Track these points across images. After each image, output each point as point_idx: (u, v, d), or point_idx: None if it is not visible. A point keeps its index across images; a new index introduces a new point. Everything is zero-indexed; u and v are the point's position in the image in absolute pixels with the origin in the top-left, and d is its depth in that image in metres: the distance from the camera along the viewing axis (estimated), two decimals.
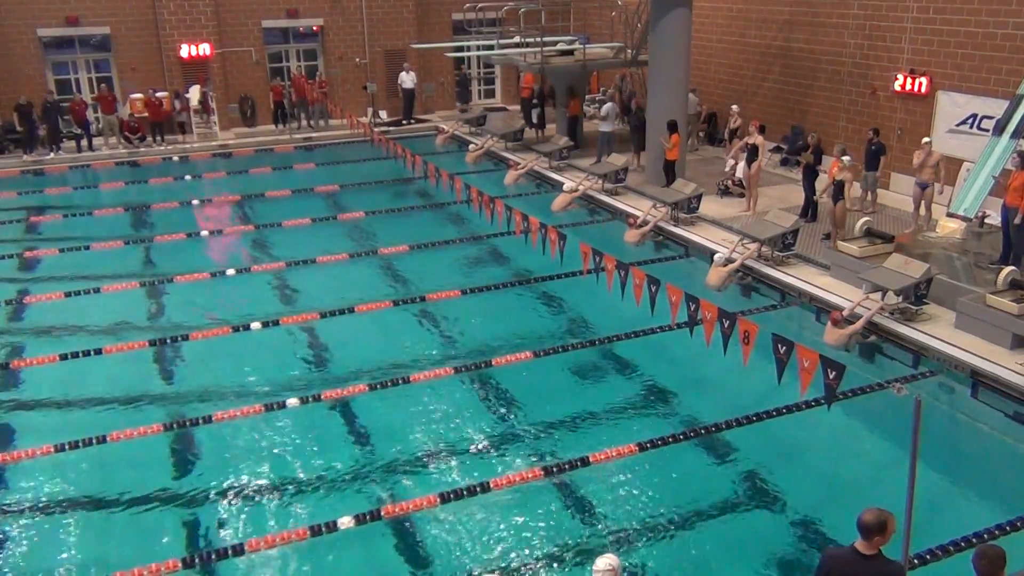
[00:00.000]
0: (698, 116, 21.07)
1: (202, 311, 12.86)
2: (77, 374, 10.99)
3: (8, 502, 8.66)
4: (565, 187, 17.85)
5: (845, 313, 11.33)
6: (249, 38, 24.35)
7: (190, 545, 7.93)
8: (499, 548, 7.82)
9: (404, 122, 25.13)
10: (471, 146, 22.30)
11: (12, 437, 9.80)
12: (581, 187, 17.74)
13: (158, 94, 22.87)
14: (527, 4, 22.02)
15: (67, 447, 9.08)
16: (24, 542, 8.07)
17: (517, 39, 21.76)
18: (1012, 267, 11.35)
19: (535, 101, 23.26)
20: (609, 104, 19.97)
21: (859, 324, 11.08)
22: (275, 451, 9.41)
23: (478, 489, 8.40)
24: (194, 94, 23.23)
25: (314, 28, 24.96)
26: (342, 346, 11.88)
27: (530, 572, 7.54)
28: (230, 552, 7.61)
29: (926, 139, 14.50)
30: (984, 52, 14.62)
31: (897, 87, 16.25)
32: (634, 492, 8.59)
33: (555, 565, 7.61)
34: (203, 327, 12.09)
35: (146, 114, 22.67)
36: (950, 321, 11.25)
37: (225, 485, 8.82)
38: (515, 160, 20.62)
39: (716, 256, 13.51)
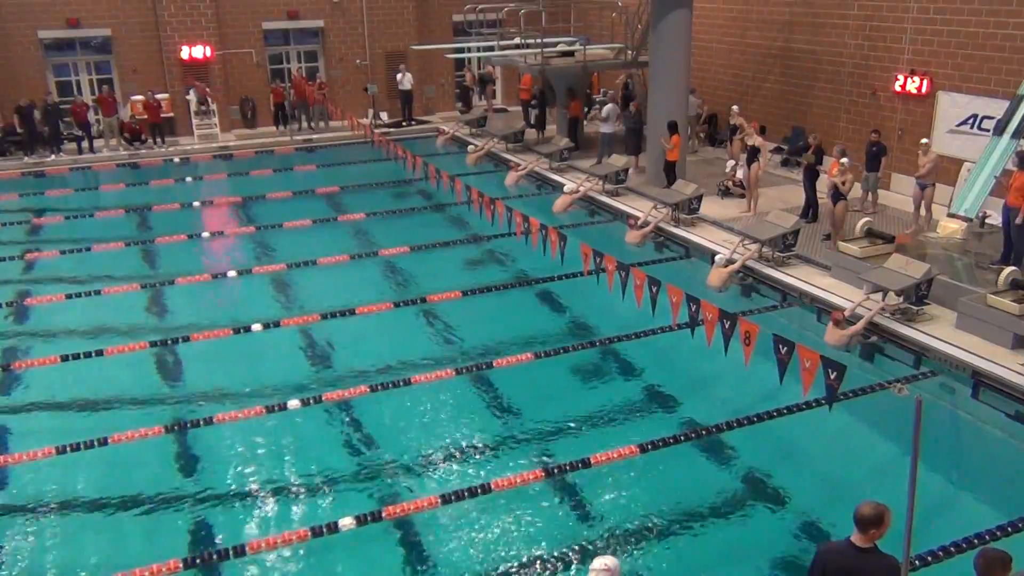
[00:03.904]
0: (698, 117, 21.08)
1: (203, 313, 12.86)
2: (78, 376, 10.98)
3: (10, 504, 8.66)
4: (566, 188, 17.86)
5: (846, 313, 11.32)
6: (250, 39, 24.36)
7: (191, 546, 7.93)
8: (500, 549, 7.82)
9: (404, 123, 25.13)
10: (470, 147, 22.32)
11: (13, 439, 9.79)
12: (582, 188, 17.74)
13: (158, 96, 22.88)
14: (527, 5, 22.03)
15: (68, 449, 9.07)
16: (25, 543, 8.08)
17: (517, 40, 21.76)
18: (1013, 267, 11.35)
19: (534, 102, 23.27)
20: (610, 105, 19.97)
21: (860, 325, 11.07)
22: (276, 452, 9.41)
23: (479, 490, 8.39)
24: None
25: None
26: (343, 347, 11.89)
27: (531, 573, 7.53)
28: (231, 553, 7.61)
29: (924, 140, 14.51)
30: (984, 52, 14.62)
31: (897, 87, 16.25)
32: (635, 493, 8.59)
33: (556, 566, 7.61)
34: (204, 328, 12.08)
35: (146, 116, 22.68)
36: (951, 321, 11.25)
37: (226, 486, 8.83)
38: (516, 161, 20.62)
39: (717, 257, 13.51)
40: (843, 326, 11.04)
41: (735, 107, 18.74)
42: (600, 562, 5.82)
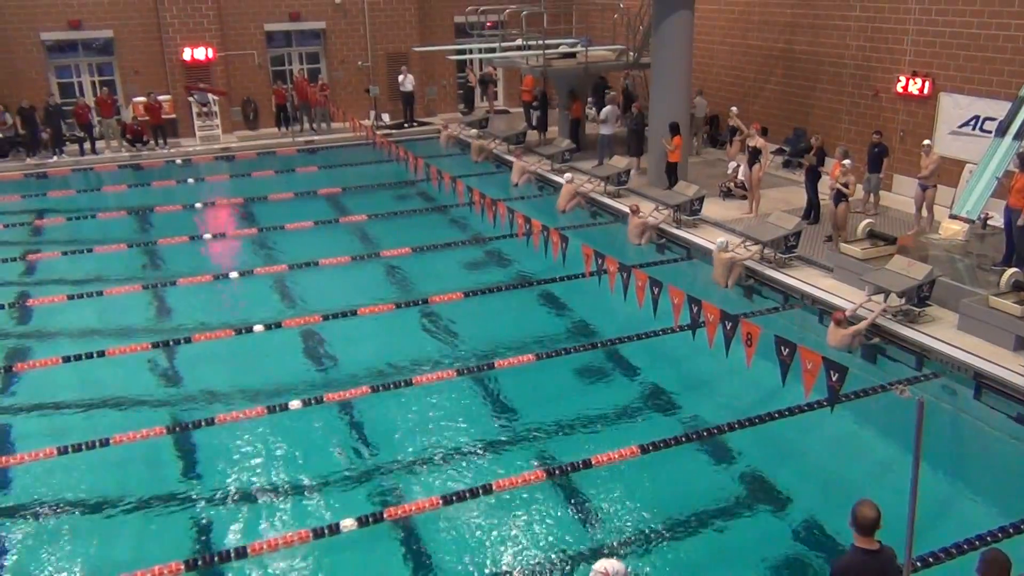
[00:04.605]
0: (705, 119, 21.09)
1: (205, 314, 12.86)
2: (80, 376, 10.99)
3: (11, 505, 8.67)
4: (564, 178, 17.82)
5: (848, 314, 11.31)
6: (252, 41, 24.38)
7: (192, 547, 7.93)
8: (501, 549, 7.82)
9: (406, 125, 25.15)
10: (473, 133, 22.23)
11: (15, 440, 9.80)
12: (584, 187, 17.73)
13: (159, 97, 22.90)
14: (529, 7, 22.04)
15: (70, 450, 9.08)
16: (27, 545, 8.08)
17: (519, 42, 21.77)
18: (1015, 269, 11.32)
19: (535, 104, 23.27)
20: (609, 107, 19.92)
21: (863, 325, 11.05)
22: (277, 453, 9.41)
23: (480, 491, 8.38)
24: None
25: None
26: (344, 348, 11.88)
27: (532, 574, 7.52)
28: (232, 555, 7.61)
29: (926, 141, 14.50)
30: (986, 54, 14.60)
31: (899, 89, 16.23)
32: (637, 494, 8.57)
33: (557, 567, 7.59)
34: (206, 329, 12.09)
35: (147, 117, 22.70)
36: (953, 323, 11.22)
37: (227, 487, 8.84)
38: (520, 153, 20.58)
39: (718, 241, 13.43)
40: (844, 326, 11.03)
41: (733, 108, 18.75)
42: (601, 565, 5.80)
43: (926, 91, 15.73)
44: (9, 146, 21.61)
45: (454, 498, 8.29)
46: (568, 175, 17.89)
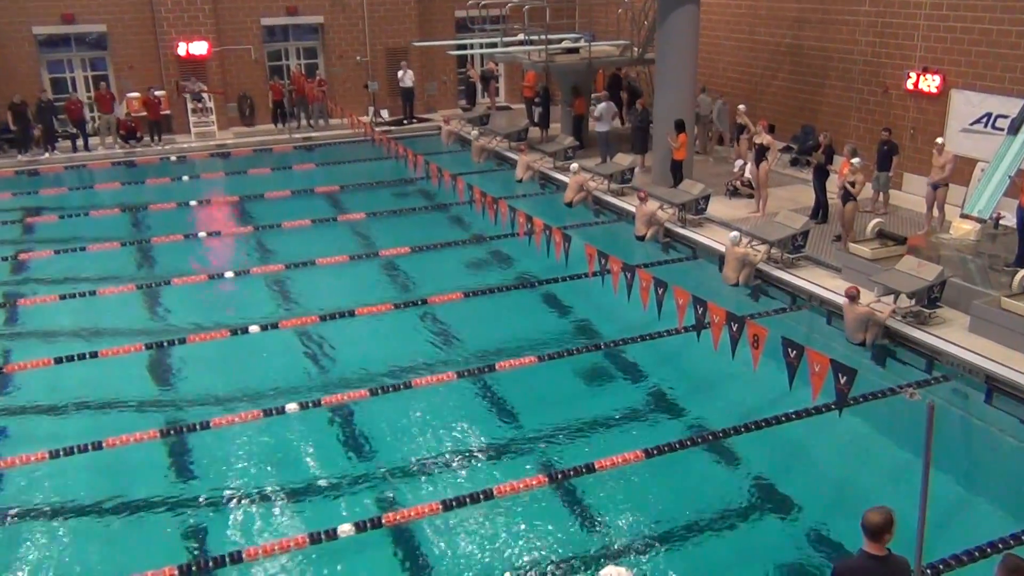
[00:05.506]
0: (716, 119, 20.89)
1: (200, 314, 12.69)
2: (72, 378, 10.83)
3: (2, 508, 8.54)
4: (571, 168, 17.60)
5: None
6: (248, 36, 24.17)
7: (187, 553, 7.82)
8: (502, 556, 7.70)
9: (405, 121, 24.96)
10: (474, 133, 22.04)
11: (6, 443, 9.68)
12: (589, 184, 17.54)
13: (156, 93, 22.68)
14: (531, 1, 21.83)
15: (62, 453, 8.92)
16: (18, 549, 7.97)
17: (521, 37, 21.57)
18: None
19: (538, 100, 23.07)
20: (603, 104, 19.66)
21: (882, 316, 10.86)
22: (274, 457, 9.30)
23: (481, 496, 8.24)
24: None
25: None
26: (342, 350, 11.76)
27: None
28: (228, 560, 7.48)
29: (939, 139, 14.30)
30: (998, 50, 14.40)
31: (910, 85, 16.02)
32: (640, 499, 8.46)
33: (559, 574, 7.47)
34: (201, 330, 11.91)
35: (145, 113, 22.48)
36: (964, 325, 11.06)
37: (223, 492, 8.73)
38: (524, 148, 20.36)
39: (731, 235, 13.22)
40: (858, 302, 10.86)
41: (741, 106, 18.52)
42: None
43: (937, 88, 15.48)
44: None
45: (454, 503, 8.15)
46: (574, 165, 17.70)
